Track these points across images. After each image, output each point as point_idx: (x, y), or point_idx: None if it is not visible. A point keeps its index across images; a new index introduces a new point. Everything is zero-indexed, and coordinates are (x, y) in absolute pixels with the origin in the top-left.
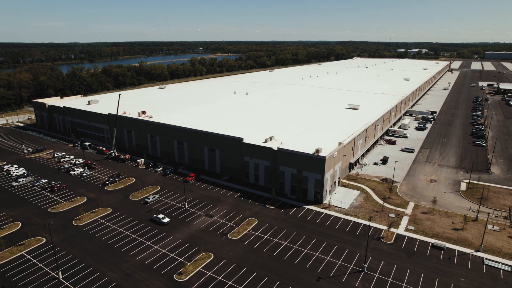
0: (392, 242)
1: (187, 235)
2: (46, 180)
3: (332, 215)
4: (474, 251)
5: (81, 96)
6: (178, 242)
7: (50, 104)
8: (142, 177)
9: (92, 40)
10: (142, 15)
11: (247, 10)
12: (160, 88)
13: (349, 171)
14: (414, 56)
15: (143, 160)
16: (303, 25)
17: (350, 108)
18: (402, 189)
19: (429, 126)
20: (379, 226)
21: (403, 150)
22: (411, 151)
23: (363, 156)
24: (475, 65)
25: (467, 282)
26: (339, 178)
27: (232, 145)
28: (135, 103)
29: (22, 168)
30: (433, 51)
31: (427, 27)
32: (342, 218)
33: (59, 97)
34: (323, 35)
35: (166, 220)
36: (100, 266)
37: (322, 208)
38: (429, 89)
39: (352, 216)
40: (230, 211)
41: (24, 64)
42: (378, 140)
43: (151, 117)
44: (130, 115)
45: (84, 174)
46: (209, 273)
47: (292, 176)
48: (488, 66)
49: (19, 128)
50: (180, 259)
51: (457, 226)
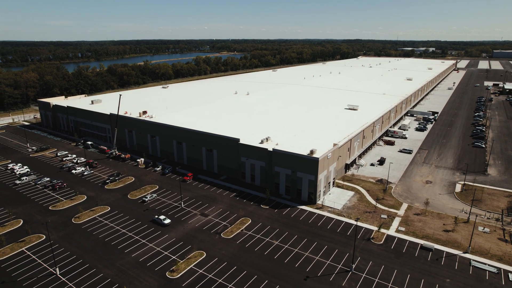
0: (381, 243)
1: (182, 234)
2: (48, 179)
3: (324, 216)
4: (462, 252)
5: (85, 96)
6: (173, 240)
7: (54, 104)
8: (141, 176)
9: (99, 38)
10: (149, 13)
11: (254, 8)
12: (163, 87)
13: (345, 172)
14: (421, 55)
15: (143, 159)
16: (310, 23)
17: (349, 108)
18: (396, 190)
19: (429, 126)
20: (370, 227)
21: (401, 151)
22: (409, 152)
23: (360, 156)
24: (483, 64)
25: (452, 283)
26: (334, 179)
27: (229, 145)
28: (137, 102)
29: (26, 167)
30: (440, 49)
31: (436, 25)
32: (334, 219)
33: (64, 96)
34: (330, 33)
35: (168, 221)
36: (96, 262)
37: (315, 208)
38: (433, 89)
39: (344, 216)
40: (225, 211)
41: (32, 62)
42: (376, 141)
43: (152, 117)
44: (131, 115)
45: (85, 173)
46: (200, 270)
47: (287, 177)
48: (496, 65)
49: (24, 127)
50: (173, 257)
51: (448, 228)
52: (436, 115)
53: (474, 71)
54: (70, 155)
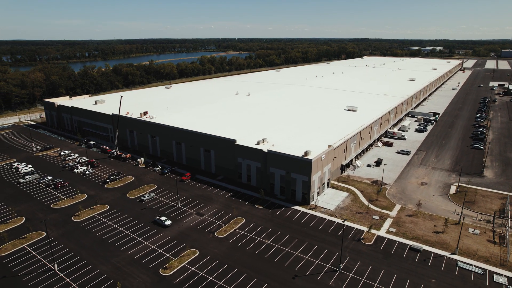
0: (371, 243)
1: (177, 232)
2: (51, 178)
3: (317, 216)
4: (450, 253)
5: (89, 96)
6: (168, 238)
7: (59, 104)
8: (140, 175)
9: (107, 37)
10: (157, 12)
11: (261, 7)
12: (166, 88)
13: (341, 173)
14: (428, 54)
15: (143, 159)
16: (317, 22)
17: (348, 109)
18: (391, 191)
19: (429, 127)
20: (361, 228)
21: (399, 152)
22: (407, 153)
23: (357, 158)
24: (490, 63)
25: (437, 283)
26: (329, 180)
27: (226, 146)
28: (139, 103)
29: (30, 166)
30: (448, 49)
31: (444, 24)
32: (326, 219)
33: (68, 96)
34: (337, 32)
35: (169, 222)
36: (93, 259)
37: (309, 209)
38: (436, 89)
39: (336, 217)
40: (220, 210)
41: (40, 62)
42: (374, 142)
43: (152, 117)
44: (133, 116)
45: (87, 172)
46: (192, 268)
47: (281, 178)
48: (504, 65)
49: (30, 126)
50: (167, 255)
51: (438, 229)
52: (437, 116)
53: (480, 71)
54: (73, 155)
